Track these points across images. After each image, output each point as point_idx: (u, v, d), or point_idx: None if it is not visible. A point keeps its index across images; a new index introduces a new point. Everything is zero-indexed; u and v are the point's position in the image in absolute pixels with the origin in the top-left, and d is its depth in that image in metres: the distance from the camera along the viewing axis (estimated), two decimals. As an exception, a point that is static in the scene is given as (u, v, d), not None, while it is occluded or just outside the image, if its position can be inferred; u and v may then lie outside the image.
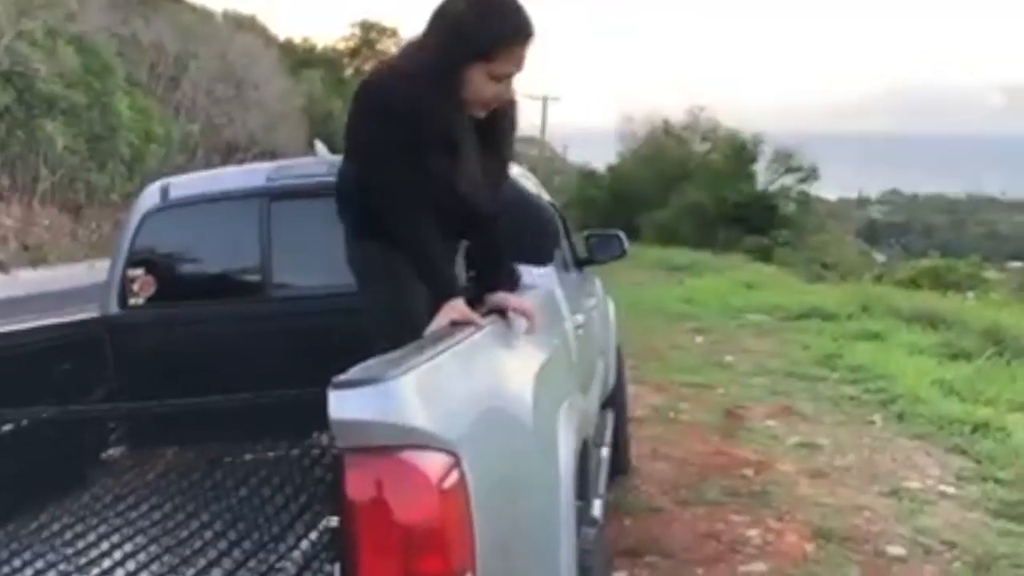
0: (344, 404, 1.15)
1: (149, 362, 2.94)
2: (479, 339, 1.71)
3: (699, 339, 10.53)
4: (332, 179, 2.99)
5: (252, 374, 2.52)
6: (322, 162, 3.06)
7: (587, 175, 40.71)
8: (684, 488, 4.71)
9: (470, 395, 1.46)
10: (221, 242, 3.14)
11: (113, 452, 2.76)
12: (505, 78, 2.02)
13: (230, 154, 18.91)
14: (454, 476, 1.21)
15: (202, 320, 3.00)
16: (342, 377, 1.17)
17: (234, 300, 3.11)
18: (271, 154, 17.52)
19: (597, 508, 2.94)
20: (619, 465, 4.60)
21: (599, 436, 3.81)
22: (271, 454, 2.61)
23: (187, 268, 3.21)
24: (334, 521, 1.19)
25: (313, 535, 1.83)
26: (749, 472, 5.03)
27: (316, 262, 3.00)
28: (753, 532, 4.07)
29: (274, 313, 2.96)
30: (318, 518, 2.02)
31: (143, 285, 3.07)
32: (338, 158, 3.11)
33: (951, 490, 4.88)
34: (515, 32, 1.98)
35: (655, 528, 4.15)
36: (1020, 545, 4.06)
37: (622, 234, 4.38)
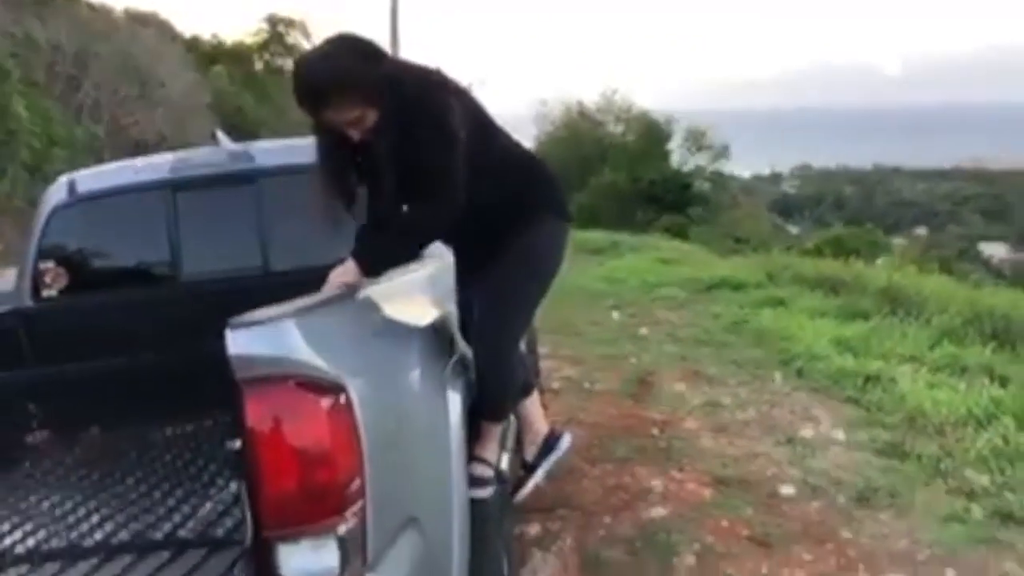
0: (238, 341, 1.35)
1: (65, 351, 3.03)
2: (369, 295, 1.93)
3: (616, 314, 10.84)
4: (233, 168, 3.15)
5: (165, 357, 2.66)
6: (223, 151, 3.19)
7: (505, 161, 40.93)
8: (596, 448, 4.96)
9: (357, 338, 1.66)
10: (130, 232, 3.24)
11: (38, 435, 2.85)
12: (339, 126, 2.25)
13: (138, 153, 18.49)
14: (340, 402, 1.41)
15: (115, 308, 3.10)
16: (238, 319, 1.36)
17: (145, 287, 3.22)
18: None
19: (504, 463, 3.19)
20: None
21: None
22: (190, 427, 2.74)
23: (98, 259, 3.30)
24: (237, 444, 1.38)
25: (232, 486, 2.00)
26: (656, 431, 5.33)
27: (222, 247, 3.14)
28: (657, 482, 4.35)
29: (184, 298, 3.08)
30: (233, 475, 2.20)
31: (55, 277, 3.15)
32: (238, 146, 3.26)
33: (841, 436, 5.26)
34: (297, 100, 2.25)
35: (567, 485, 4.39)
36: (897, 478, 4.44)
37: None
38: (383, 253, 2.23)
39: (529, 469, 3.14)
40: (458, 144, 2.30)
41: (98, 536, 1.93)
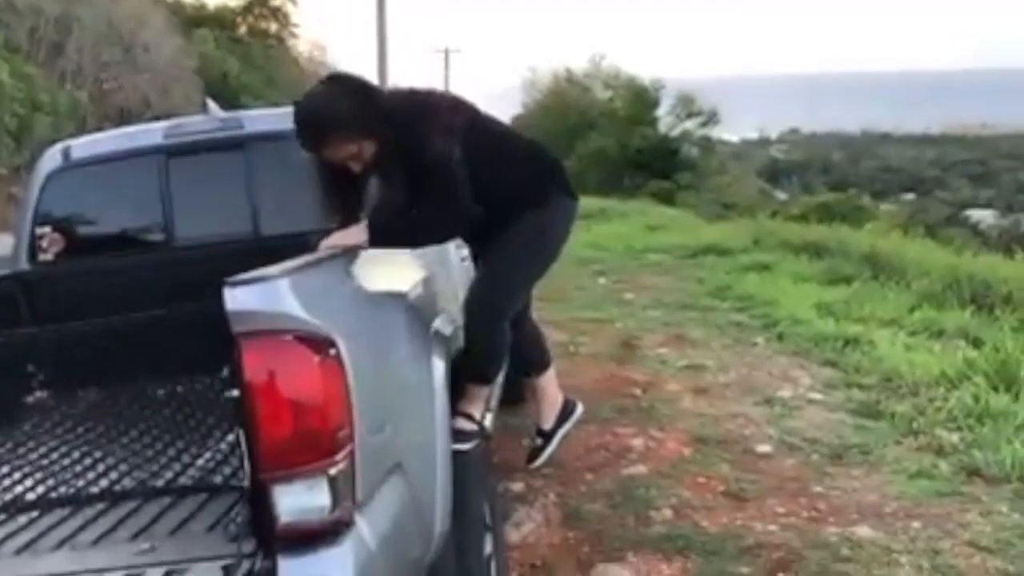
0: (236, 297, 1.46)
1: (62, 314, 3.12)
2: (361, 257, 2.04)
3: (602, 280, 10.97)
4: (225, 134, 3.23)
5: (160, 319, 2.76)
6: (214, 119, 3.26)
7: (494, 127, 40.80)
8: (579, 410, 5.10)
9: (347, 297, 1.78)
10: (124, 198, 3.32)
11: (39, 395, 2.94)
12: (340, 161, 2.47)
13: (123, 120, 18.36)
14: (331, 356, 1.52)
15: (111, 272, 3.19)
16: (235, 277, 1.47)
17: (140, 252, 3.30)
18: (167, 117, 17.08)
19: (488, 420, 3.31)
20: (518, 394, 4.95)
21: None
22: (186, 384, 2.85)
23: (93, 224, 3.38)
24: (235, 392, 1.49)
25: (230, 437, 2.12)
26: (638, 392, 5.47)
27: (214, 212, 3.23)
28: (637, 441, 4.50)
29: (177, 262, 3.17)
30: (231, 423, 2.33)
31: (51, 242, 3.23)
32: (229, 115, 3.33)
33: (818, 396, 5.42)
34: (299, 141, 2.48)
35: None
36: (870, 437, 4.60)
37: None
38: (396, 235, 2.36)
39: (547, 436, 3.31)
40: (452, 158, 2.46)
41: (103, 484, 2.04)
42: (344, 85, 2.52)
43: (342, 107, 2.41)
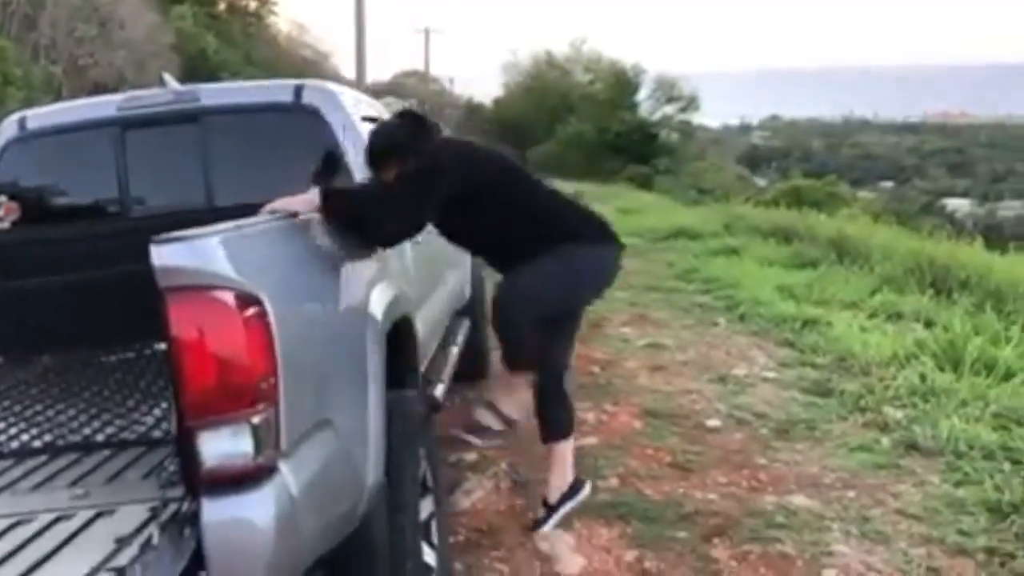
0: (162, 254, 1.54)
1: (18, 280, 3.17)
2: (298, 222, 2.13)
3: (573, 262, 11.07)
4: (180, 107, 3.29)
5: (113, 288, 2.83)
6: (170, 92, 3.32)
7: (474, 109, 40.76)
8: (537, 386, 5.21)
9: (278, 257, 1.86)
10: (80, 168, 3.37)
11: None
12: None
13: (98, 95, 18.21)
14: (255, 312, 1.61)
15: (66, 241, 3.24)
16: (161, 236, 1.55)
17: (95, 222, 3.36)
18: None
19: (439, 390, 3.41)
20: (479, 370, 5.05)
21: (451, 337, 4.26)
22: (134, 349, 2.92)
23: (50, 194, 3.43)
24: (161, 345, 1.57)
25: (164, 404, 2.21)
26: (597, 369, 5.59)
27: (169, 184, 3.29)
28: (591, 415, 4.61)
29: (132, 232, 3.22)
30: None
31: (7, 210, 3.28)
32: (186, 88, 3.39)
33: (772, 375, 5.57)
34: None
35: (508, 419, 4.63)
36: (818, 413, 4.74)
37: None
38: (348, 206, 2.47)
39: (550, 510, 3.38)
40: (423, 193, 2.69)
41: (47, 438, 2.13)
42: (406, 119, 3.07)
43: (397, 135, 2.92)
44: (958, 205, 59.17)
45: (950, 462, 3.96)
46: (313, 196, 2.38)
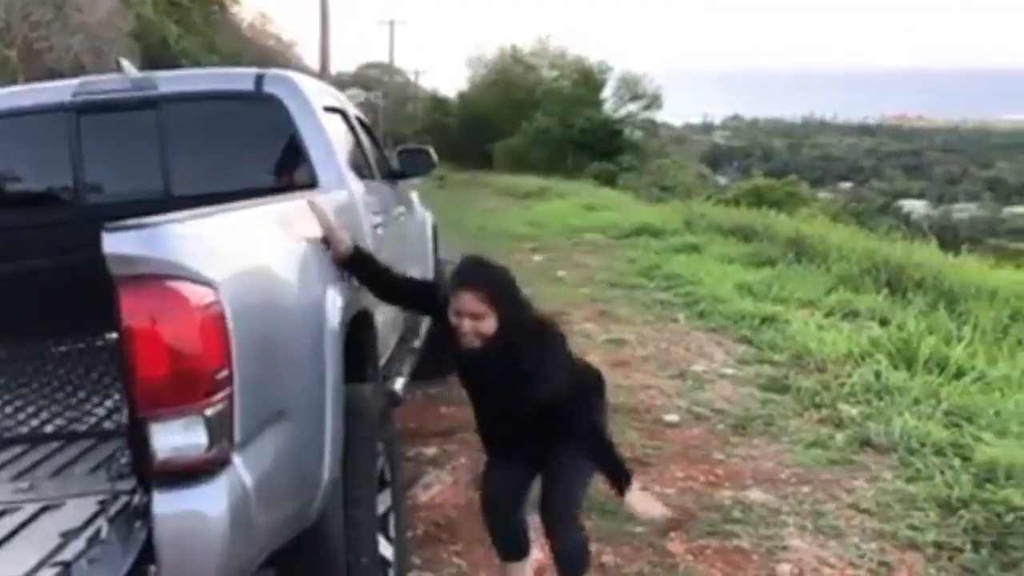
0: (113, 242, 1.50)
1: None
2: (257, 212, 2.09)
3: (537, 257, 11.10)
4: (137, 94, 3.21)
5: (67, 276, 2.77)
6: (127, 79, 3.24)
7: (439, 102, 40.55)
8: (498, 380, 5.21)
9: (235, 248, 1.82)
10: (34, 155, 3.28)
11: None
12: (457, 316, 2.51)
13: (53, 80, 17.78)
14: (209, 301, 1.58)
15: (16, 228, 3.16)
16: (113, 224, 1.51)
17: (49, 209, 3.28)
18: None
19: (398, 384, 3.39)
20: (441, 368, 5.01)
21: (412, 332, 4.23)
22: (87, 340, 2.87)
23: (1, 179, 3.34)
24: (113, 335, 1.54)
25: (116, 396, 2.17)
26: (558, 364, 5.59)
27: (125, 172, 3.22)
28: (551, 410, 4.61)
29: (86, 220, 3.15)
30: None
31: None
32: (143, 74, 3.31)
33: (730, 371, 5.63)
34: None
35: (467, 414, 4.58)
36: (775, 409, 4.81)
37: (431, 149, 4.71)
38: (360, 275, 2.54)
39: None
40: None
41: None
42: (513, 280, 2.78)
43: (500, 278, 2.62)
44: (914, 206, 60.32)
45: (902, 458, 4.04)
46: (346, 238, 2.46)
